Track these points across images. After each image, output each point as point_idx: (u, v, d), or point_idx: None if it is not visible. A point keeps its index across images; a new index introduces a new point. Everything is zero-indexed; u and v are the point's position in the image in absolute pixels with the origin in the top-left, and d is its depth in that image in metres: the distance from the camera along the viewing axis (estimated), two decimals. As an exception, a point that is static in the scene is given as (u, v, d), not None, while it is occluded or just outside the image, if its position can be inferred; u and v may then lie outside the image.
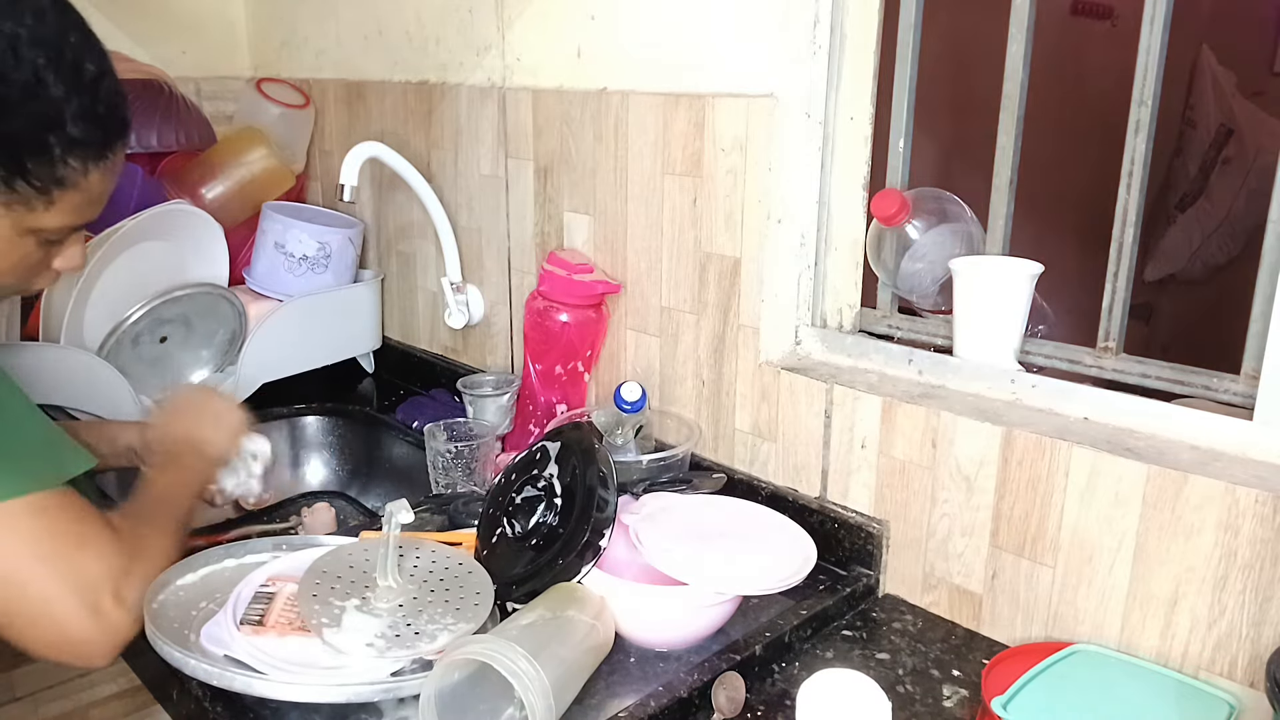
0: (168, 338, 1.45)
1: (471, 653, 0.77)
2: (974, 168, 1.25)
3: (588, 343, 1.30)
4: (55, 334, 1.33)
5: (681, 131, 1.16)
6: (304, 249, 1.53)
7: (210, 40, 1.91)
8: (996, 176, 1.06)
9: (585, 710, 0.85)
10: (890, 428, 1.02)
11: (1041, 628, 0.94)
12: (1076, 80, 2.53)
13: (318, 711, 0.84)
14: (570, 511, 0.95)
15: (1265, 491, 0.78)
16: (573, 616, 0.86)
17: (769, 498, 1.13)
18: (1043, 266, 1.01)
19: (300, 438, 1.54)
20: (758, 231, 1.11)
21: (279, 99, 1.74)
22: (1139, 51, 0.94)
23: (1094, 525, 0.89)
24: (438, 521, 1.15)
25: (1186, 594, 0.84)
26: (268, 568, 0.97)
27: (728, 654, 0.90)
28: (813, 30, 1.07)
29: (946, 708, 0.87)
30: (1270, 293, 0.85)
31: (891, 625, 1.01)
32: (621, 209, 1.26)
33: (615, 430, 1.20)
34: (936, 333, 1.13)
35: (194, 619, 0.90)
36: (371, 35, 1.63)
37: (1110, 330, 0.99)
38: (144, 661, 0.93)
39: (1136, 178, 0.96)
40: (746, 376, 1.15)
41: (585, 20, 1.25)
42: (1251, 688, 0.81)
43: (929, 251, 1.11)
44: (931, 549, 1.02)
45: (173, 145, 1.60)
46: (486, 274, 1.51)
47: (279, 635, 0.86)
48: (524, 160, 1.39)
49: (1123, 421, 0.92)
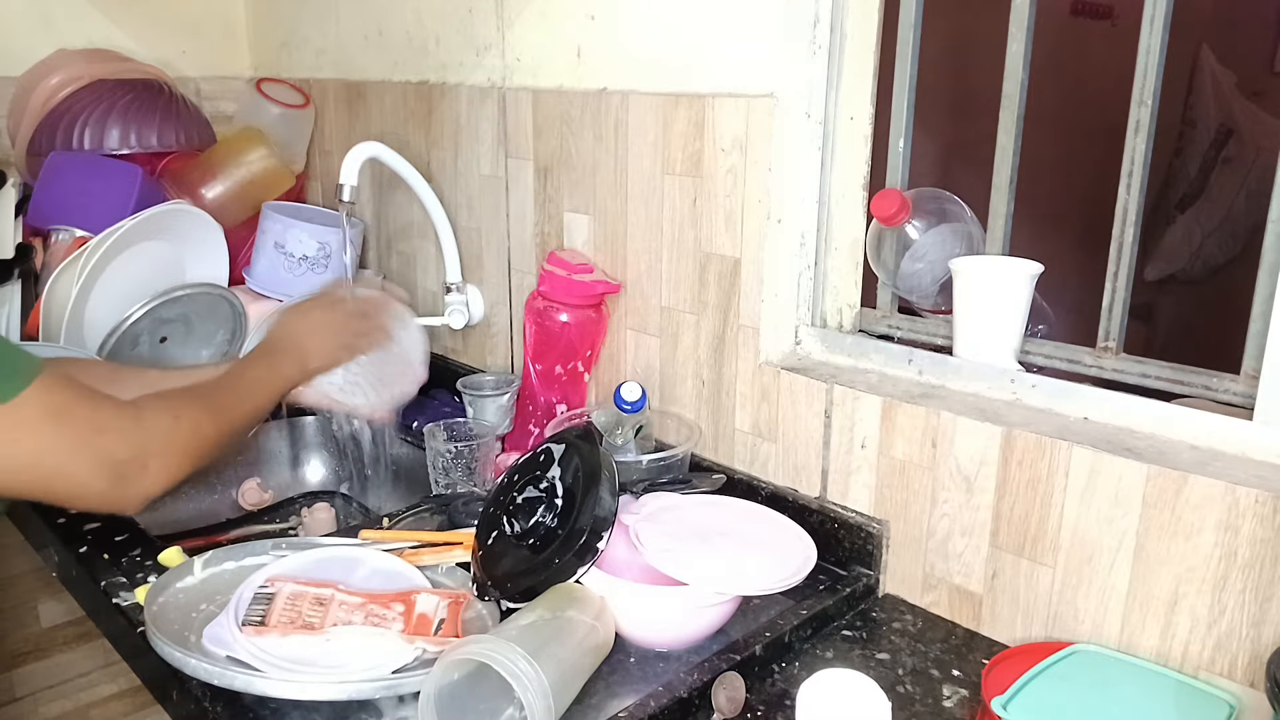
0: (168, 338, 1.45)
1: (471, 653, 0.77)
2: (974, 168, 1.25)
3: (588, 343, 1.30)
4: (55, 334, 1.33)
5: (681, 131, 1.16)
6: (304, 249, 1.53)
7: (210, 40, 1.91)
8: (996, 176, 1.06)
9: (585, 710, 0.85)
10: (890, 428, 1.02)
11: (1041, 628, 0.94)
12: (1076, 80, 2.53)
13: (318, 711, 0.84)
14: (570, 512, 0.95)
15: (1265, 491, 0.78)
16: (573, 617, 0.86)
17: (769, 498, 1.13)
18: (1043, 266, 1.01)
19: (300, 438, 1.54)
20: (758, 231, 1.11)
21: (279, 99, 1.74)
22: (1139, 51, 0.94)
23: (1094, 525, 0.89)
24: (437, 521, 1.15)
25: (1186, 594, 0.84)
26: (267, 569, 0.97)
27: (728, 654, 0.90)
28: (813, 30, 1.07)
29: (946, 708, 0.87)
30: (1270, 293, 0.85)
31: (891, 625, 1.01)
32: (621, 209, 1.26)
33: (615, 430, 1.20)
34: (936, 333, 1.13)
35: (194, 621, 0.90)
36: (371, 35, 1.63)
37: (1110, 330, 0.99)
38: (144, 662, 0.93)
39: (1136, 178, 0.96)
40: (746, 376, 1.15)
41: (585, 20, 1.25)
42: (1251, 688, 0.81)
43: (929, 251, 1.11)
44: (931, 549, 1.02)
45: (173, 145, 1.60)
46: (486, 274, 1.51)
47: (280, 635, 0.86)
48: (524, 160, 1.39)
49: (1123, 421, 0.92)
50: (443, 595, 0.95)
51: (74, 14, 1.69)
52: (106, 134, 1.54)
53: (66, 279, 1.33)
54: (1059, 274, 1.15)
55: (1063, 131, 2.34)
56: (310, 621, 0.88)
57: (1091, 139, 2.35)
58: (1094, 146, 2.22)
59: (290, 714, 0.84)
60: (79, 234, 1.41)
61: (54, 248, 1.42)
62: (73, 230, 1.42)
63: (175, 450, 0.89)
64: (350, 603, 0.91)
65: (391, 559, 1.03)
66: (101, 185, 1.46)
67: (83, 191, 1.45)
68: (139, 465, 0.86)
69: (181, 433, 0.91)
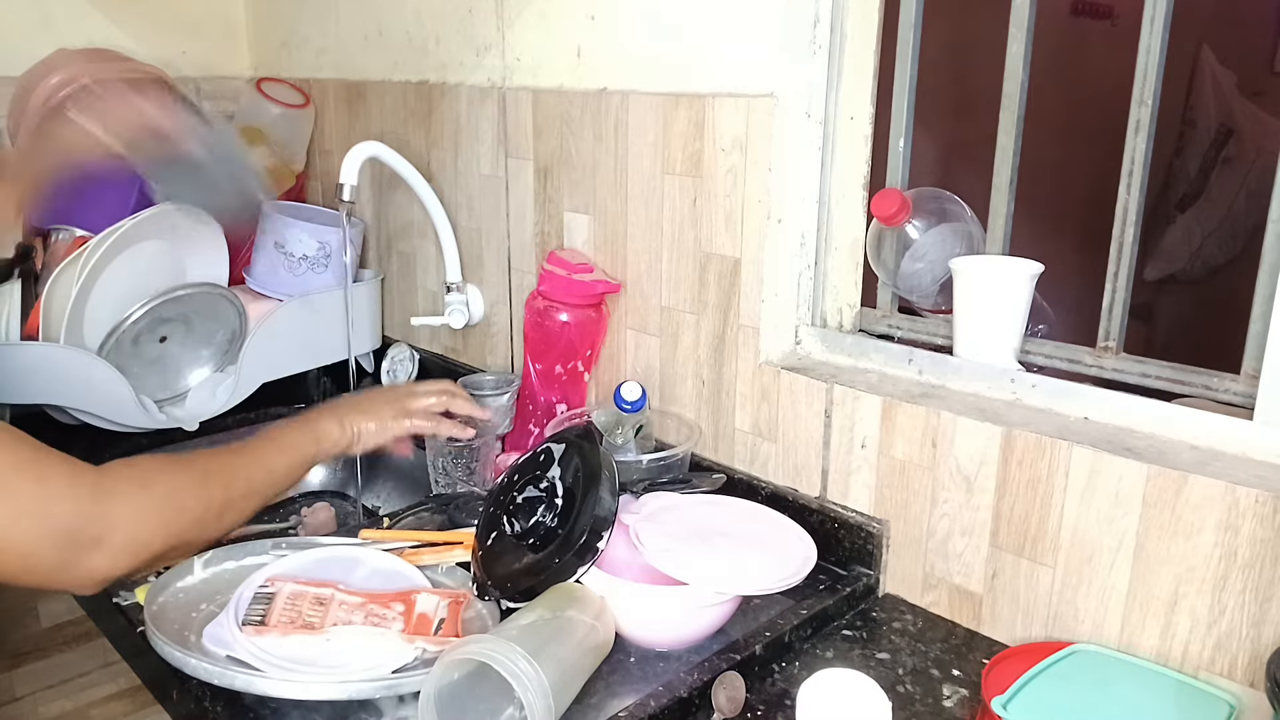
0: (168, 337, 1.45)
1: (471, 652, 0.77)
2: (974, 168, 1.25)
3: (588, 342, 1.30)
4: (55, 334, 1.33)
5: (681, 131, 1.16)
6: (304, 249, 1.53)
7: (210, 40, 1.91)
8: (996, 176, 1.06)
9: (585, 710, 0.85)
10: (890, 427, 1.02)
11: (1041, 628, 0.94)
12: (1076, 80, 2.53)
13: (318, 711, 0.84)
14: (570, 512, 0.95)
15: (1265, 491, 0.78)
16: (573, 617, 0.86)
17: (769, 497, 1.13)
18: (1043, 266, 1.01)
19: (300, 438, 1.54)
20: (758, 231, 1.11)
21: (279, 99, 1.74)
22: (1139, 51, 0.94)
23: (1094, 525, 0.89)
24: (438, 521, 1.15)
25: (1186, 594, 0.84)
26: (267, 569, 0.97)
27: (728, 654, 0.90)
28: (813, 30, 1.07)
29: (946, 707, 0.87)
30: (1270, 293, 0.85)
31: (891, 625, 1.01)
32: (621, 209, 1.26)
33: (615, 430, 1.20)
34: (936, 333, 1.13)
35: (194, 621, 0.90)
36: (371, 35, 1.63)
37: (1110, 330, 0.99)
38: (144, 661, 0.93)
39: (1136, 178, 0.96)
40: (746, 376, 1.15)
41: (585, 20, 1.25)
42: (1251, 688, 0.81)
43: (929, 251, 1.11)
44: (931, 549, 1.02)
45: (176, 145, 1.59)
46: (486, 274, 1.51)
47: (280, 634, 0.86)
48: (524, 160, 1.39)
49: (1123, 421, 0.92)
50: (443, 595, 0.95)
51: (74, 14, 1.69)
52: (107, 135, 1.54)
53: (66, 279, 1.32)
54: (1059, 274, 1.15)
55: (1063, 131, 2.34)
56: (310, 621, 0.88)
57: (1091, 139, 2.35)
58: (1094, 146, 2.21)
59: (290, 714, 0.84)
60: (79, 234, 1.41)
61: (54, 248, 1.42)
62: (73, 230, 1.42)
63: (142, 524, 0.78)
64: (350, 602, 0.91)
65: (391, 559, 1.03)
66: (101, 185, 1.45)
67: (82, 192, 1.45)
68: (92, 539, 0.75)
69: (151, 503, 0.80)
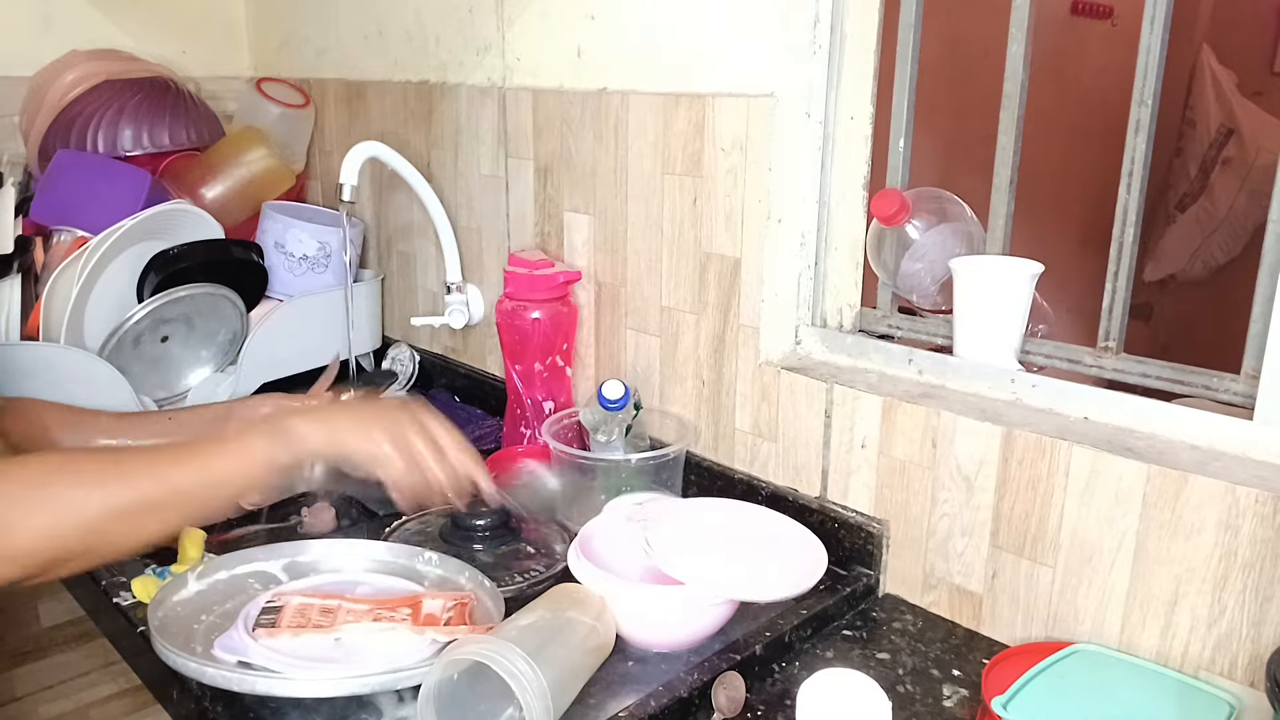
0: (169, 337, 1.45)
1: (470, 653, 0.77)
2: (974, 168, 1.25)
3: (562, 335, 1.32)
4: (55, 334, 1.33)
5: (681, 131, 1.16)
6: (304, 249, 1.53)
7: (210, 40, 1.91)
8: (996, 176, 1.06)
9: (585, 710, 0.85)
10: (890, 427, 1.02)
11: (1041, 627, 0.94)
12: (1076, 80, 2.53)
13: (318, 710, 0.84)
14: None
15: (1265, 491, 0.78)
16: (573, 617, 0.86)
17: (769, 498, 1.13)
18: (1043, 266, 1.01)
19: (300, 438, 1.54)
20: (758, 231, 1.11)
21: (279, 99, 1.74)
22: (1139, 51, 0.94)
23: (1094, 525, 0.89)
24: (439, 525, 1.15)
25: (1186, 594, 0.84)
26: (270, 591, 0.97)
27: (728, 654, 0.90)
28: (813, 30, 1.07)
29: (946, 707, 0.87)
30: (1270, 293, 0.85)
31: (891, 625, 1.01)
32: (621, 209, 1.26)
33: (600, 428, 1.19)
34: (936, 333, 1.13)
35: (197, 632, 0.89)
36: (371, 35, 1.63)
37: (1110, 330, 0.99)
38: (144, 661, 0.93)
39: (1136, 178, 0.96)
40: (746, 376, 1.15)
41: (585, 20, 1.25)
42: (1251, 688, 0.81)
43: (929, 251, 1.11)
44: (931, 549, 1.02)
45: (184, 143, 1.59)
46: (486, 274, 1.51)
47: (292, 635, 0.85)
48: (524, 160, 1.39)
49: (1123, 421, 0.92)
50: (447, 597, 0.95)
51: (74, 14, 1.69)
52: (119, 135, 1.54)
53: (66, 279, 1.32)
54: (1059, 274, 1.15)
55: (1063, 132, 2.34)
56: (320, 624, 0.88)
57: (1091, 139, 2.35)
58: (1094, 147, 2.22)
59: (290, 713, 0.84)
60: (79, 234, 1.41)
61: (54, 248, 1.42)
62: (73, 230, 1.42)
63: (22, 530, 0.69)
64: (358, 609, 0.91)
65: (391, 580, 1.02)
66: (109, 188, 1.45)
67: (91, 194, 1.44)
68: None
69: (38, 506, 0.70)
